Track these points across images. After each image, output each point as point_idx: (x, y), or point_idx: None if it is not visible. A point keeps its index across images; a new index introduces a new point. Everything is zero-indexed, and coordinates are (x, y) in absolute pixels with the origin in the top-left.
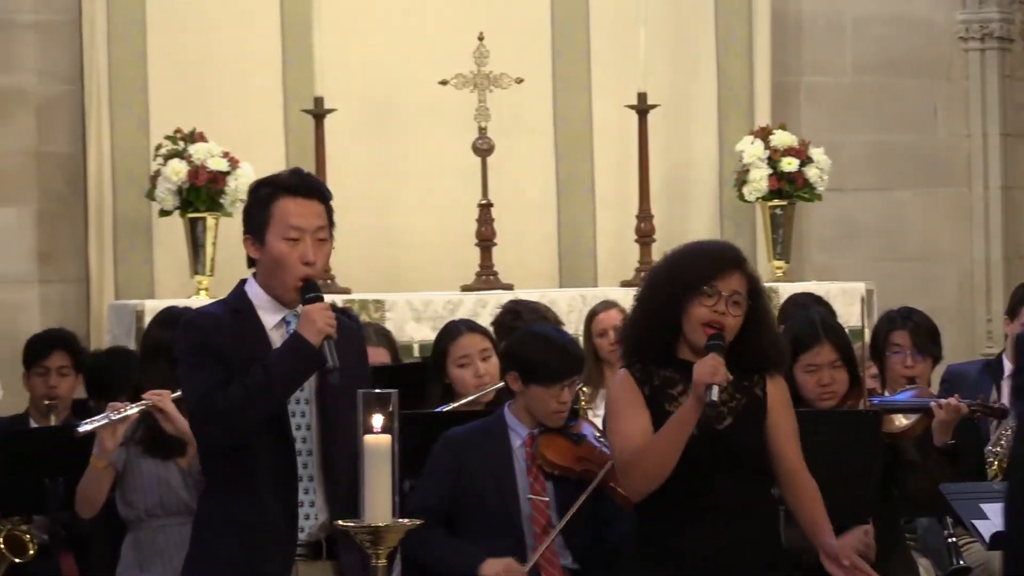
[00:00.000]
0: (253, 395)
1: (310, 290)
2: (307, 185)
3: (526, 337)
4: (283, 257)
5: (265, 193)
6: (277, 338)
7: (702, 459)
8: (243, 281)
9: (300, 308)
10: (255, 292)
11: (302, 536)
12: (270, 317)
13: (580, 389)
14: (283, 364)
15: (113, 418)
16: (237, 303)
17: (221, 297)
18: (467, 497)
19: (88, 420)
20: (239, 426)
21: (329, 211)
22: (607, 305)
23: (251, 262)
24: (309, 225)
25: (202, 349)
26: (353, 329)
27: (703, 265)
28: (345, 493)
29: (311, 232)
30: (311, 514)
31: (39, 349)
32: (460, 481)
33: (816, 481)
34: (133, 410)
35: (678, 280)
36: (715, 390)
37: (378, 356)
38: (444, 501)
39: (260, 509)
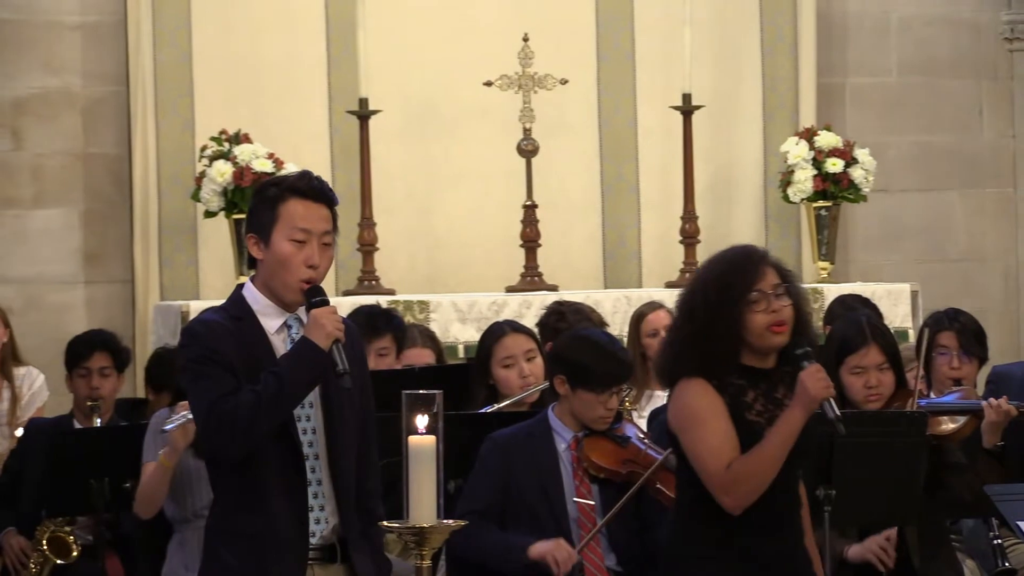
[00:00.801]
0: (265, 403)
1: (316, 294)
2: (316, 189)
3: (575, 341)
4: (288, 258)
5: (273, 193)
6: (279, 343)
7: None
8: (240, 286)
9: (301, 311)
10: (254, 297)
11: (314, 541)
12: (271, 322)
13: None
14: (294, 370)
15: (190, 416)
16: (237, 309)
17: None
18: (514, 500)
19: (171, 419)
20: (252, 435)
21: (335, 217)
22: (655, 306)
23: (252, 263)
24: (316, 228)
25: (207, 358)
26: (351, 331)
27: (740, 276)
28: (354, 495)
29: (317, 235)
30: (321, 518)
31: (80, 351)
32: (507, 483)
33: (862, 482)
34: None
35: (726, 298)
36: (832, 403)
37: (423, 357)
38: (494, 504)
39: (270, 518)
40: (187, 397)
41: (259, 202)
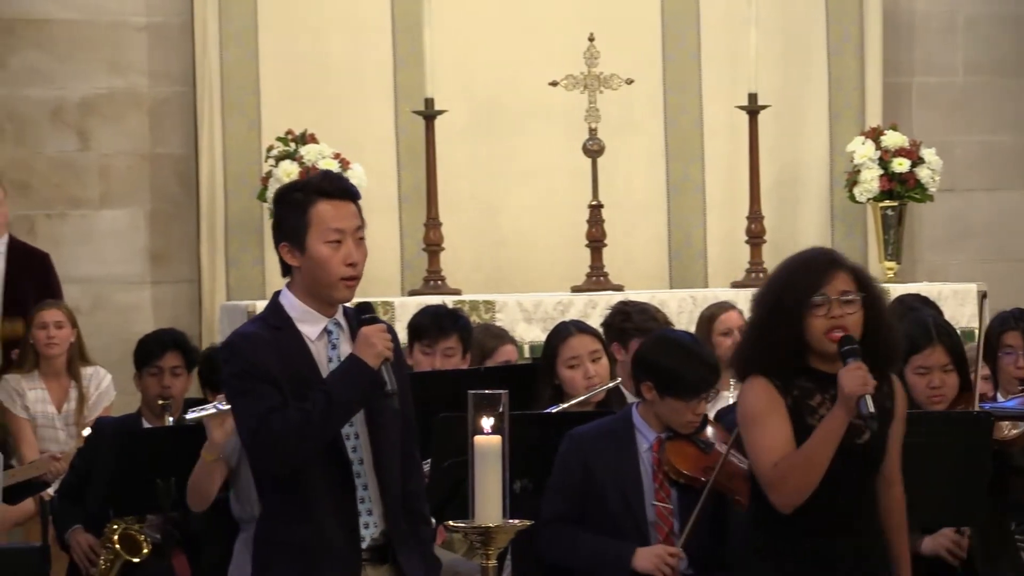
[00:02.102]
0: (314, 421)
1: (366, 311)
2: (340, 187)
3: (662, 345)
4: (326, 261)
5: (300, 199)
6: (320, 350)
7: (840, 471)
8: (277, 294)
9: (339, 315)
10: (292, 304)
11: (364, 544)
12: (310, 328)
13: None
14: (343, 389)
15: (221, 408)
16: (275, 318)
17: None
18: (592, 498)
19: (194, 409)
20: (300, 453)
21: (360, 210)
22: (726, 306)
23: (285, 270)
24: (348, 226)
25: (249, 374)
26: (390, 328)
27: (806, 277)
28: (400, 497)
29: (351, 233)
30: (370, 522)
31: (152, 350)
32: (586, 480)
33: (925, 483)
34: None
35: (788, 297)
36: (868, 401)
37: (508, 354)
38: (578, 505)
39: (319, 527)
40: (233, 412)
41: (286, 209)
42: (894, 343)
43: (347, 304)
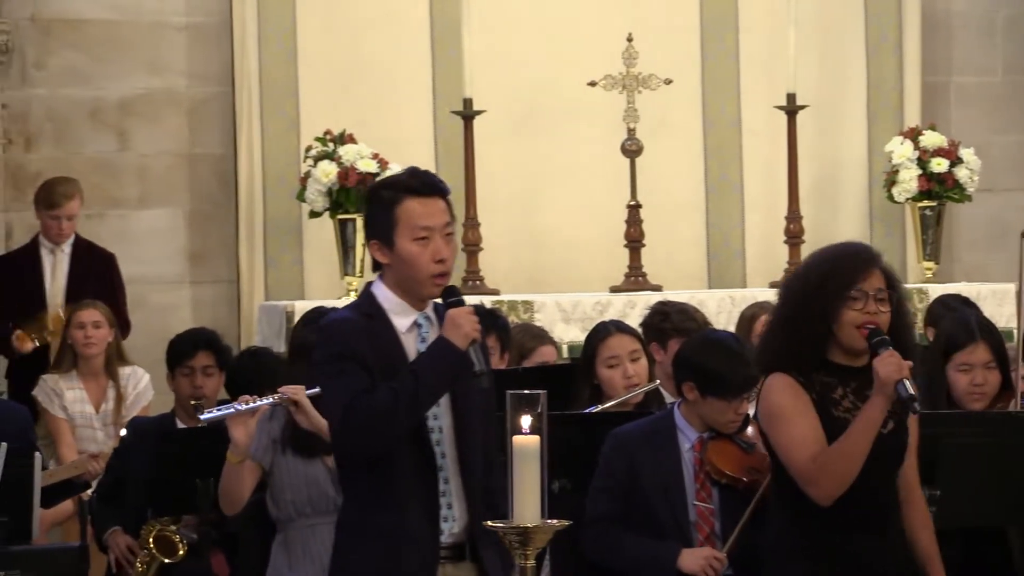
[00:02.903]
0: (402, 402)
1: (452, 294)
2: (428, 184)
3: (705, 346)
4: (415, 258)
5: (388, 196)
6: (410, 342)
7: (869, 465)
8: (370, 284)
9: (429, 309)
10: (384, 295)
11: (443, 539)
12: (401, 321)
13: None
14: (432, 369)
15: (240, 408)
16: (368, 307)
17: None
18: (635, 497)
19: (210, 409)
20: (388, 434)
21: (450, 206)
22: (767, 306)
23: (376, 266)
24: (436, 223)
25: (342, 356)
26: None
27: (845, 270)
28: (480, 494)
29: (439, 229)
30: (449, 516)
31: (184, 349)
32: (630, 480)
33: (967, 483)
34: (262, 402)
35: (824, 288)
36: (907, 384)
37: (548, 355)
38: (623, 502)
39: (402, 516)
40: (323, 394)
41: (375, 207)
42: (913, 343)
43: (437, 300)
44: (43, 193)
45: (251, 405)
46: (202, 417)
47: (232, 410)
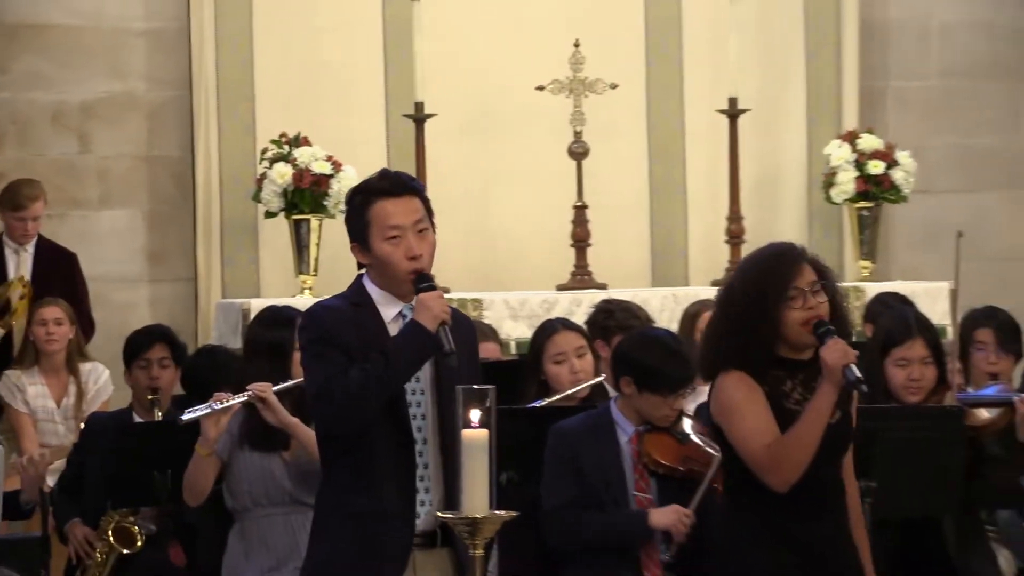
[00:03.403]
0: (372, 380)
1: (424, 280)
2: (397, 183)
3: (642, 342)
4: (389, 257)
5: (359, 200)
6: (395, 331)
7: (818, 450)
8: (360, 276)
9: (416, 299)
10: (372, 287)
11: (419, 524)
12: (388, 310)
13: None
14: (401, 349)
15: (216, 407)
16: (358, 296)
17: (323, 294)
18: (581, 487)
19: (191, 409)
20: (359, 411)
21: (426, 203)
22: (709, 304)
23: (361, 265)
24: (407, 221)
25: (324, 340)
26: (464, 323)
27: (778, 273)
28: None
29: (410, 227)
30: (426, 501)
31: (140, 343)
32: (575, 470)
33: (901, 474)
34: (235, 401)
35: (763, 294)
36: (854, 368)
37: (494, 352)
38: (574, 490)
39: (378, 498)
40: (304, 375)
41: (350, 212)
42: (849, 325)
43: None
44: (8, 195)
45: (225, 404)
46: (184, 417)
47: (209, 409)
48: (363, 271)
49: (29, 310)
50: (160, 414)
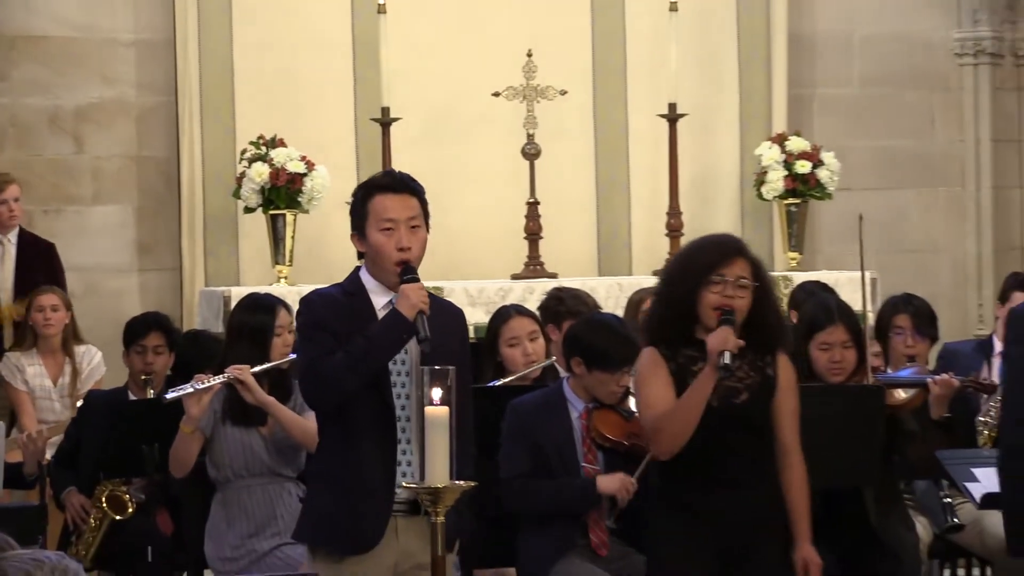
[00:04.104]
0: (353, 361)
1: (408, 272)
2: (398, 182)
3: (592, 326)
4: (381, 246)
5: (361, 194)
6: None
7: (721, 430)
8: (358, 268)
9: (399, 289)
10: (367, 278)
11: (400, 493)
12: (379, 299)
13: None
14: (380, 334)
15: (198, 387)
16: (352, 286)
17: (298, 283)
18: (535, 459)
19: (173, 389)
20: (341, 388)
21: (423, 204)
22: (651, 292)
23: (360, 254)
24: (401, 216)
25: (316, 325)
26: (453, 312)
27: (709, 257)
28: None
29: (403, 221)
30: (408, 472)
31: (137, 330)
32: (532, 444)
33: (826, 449)
34: (215, 381)
35: (689, 272)
36: (727, 355)
37: None
38: (529, 461)
39: (360, 468)
40: (297, 355)
41: (354, 203)
42: (783, 327)
43: None
44: None
45: (207, 384)
46: (167, 396)
47: (191, 389)
48: (360, 264)
49: (28, 300)
50: (153, 393)
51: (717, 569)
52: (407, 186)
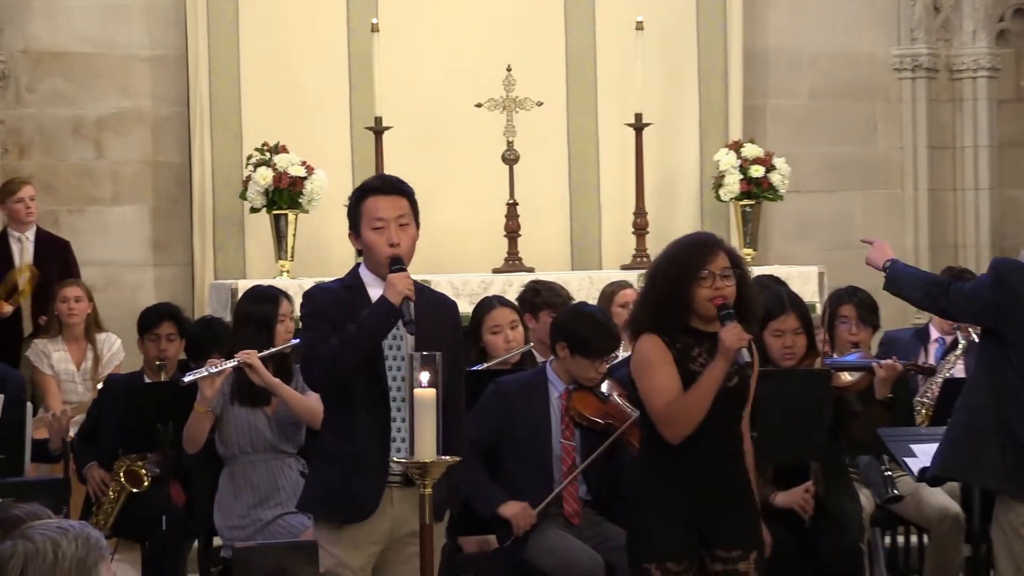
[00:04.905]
0: (346, 345)
1: (395, 263)
2: (388, 184)
3: (577, 316)
4: (373, 243)
5: (356, 197)
6: None
7: (718, 409)
8: (357, 265)
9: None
10: (364, 272)
11: (395, 466)
12: (375, 292)
13: None
14: (369, 320)
15: (211, 371)
16: (351, 280)
17: (299, 276)
18: (511, 434)
19: (190, 372)
20: (336, 369)
21: (413, 203)
22: (624, 284)
23: (359, 252)
24: (391, 215)
25: (316, 314)
26: (446, 303)
27: (695, 255)
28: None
29: (393, 220)
30: (403, 448)
31: (151, 319)
32: (506, 421)
33: (778, 426)
34: (227, 365)
35: (679, 271)
36: (744, 352)
37: None
38: (489, 436)
39: (357, 444)
40: (301, 341)
41: (351, 205)
42: (756, 308)
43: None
44: (2, 189)
45: (219, 368)
46: (185, 379)
47: (206, 372)
48: (360, 261)
49: (49, 290)
50: (166, 376)
51: (699, 538)
52: (396, 188)
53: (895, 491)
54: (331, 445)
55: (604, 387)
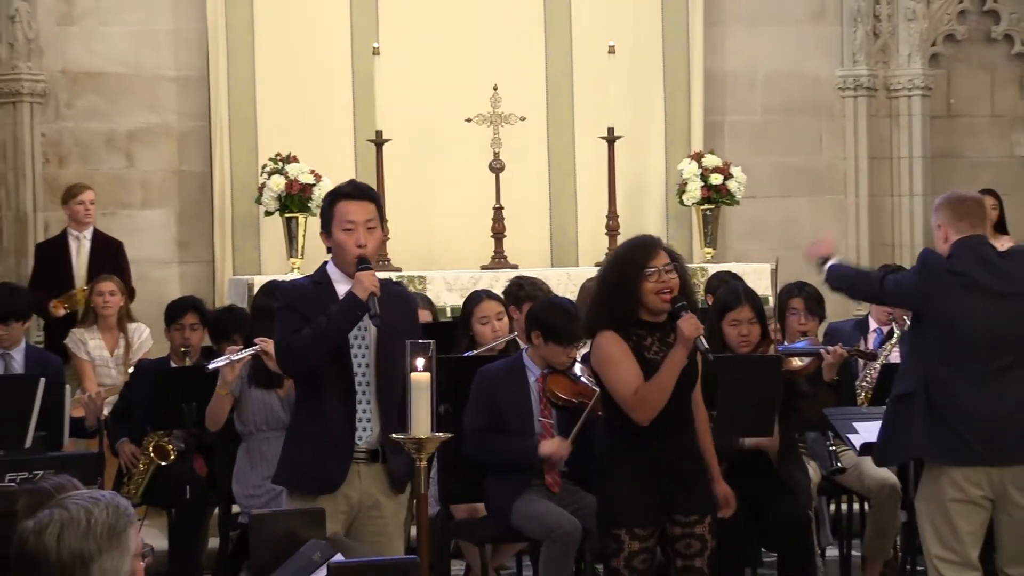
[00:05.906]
0: (316, 336)
1: (362, 263)
2: (358, 190)
3: (550, 307)
4: (342, 243)
5: (328, 200)
6: None
7: (675, 389)
8: (325, 263)
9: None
10: (332, 269)
11: (360, 444)
12: (341, 287)
13: None
14: (337, 313)
15: (233, 359)
16: (319, 277)
17: (309, 273)
18: (497, 415)
19: (214, 360)
20: (307, 358)
21: (380, 208)
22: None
23: (328, 250)
24: (360, 218)
25: (288, 308)
26: (406, 298)
27: (638, 255)
28: (396, 415)
29: (362, 223)
30: (368, 427)
31: (176, 311)
32: (493, 403)
33: (735, 407)
34: (246, 353)
35: (625, 271)
36: (702, 339)
37: (425, 316)
38: (485, 419)
39: (326, 425)
40: (274, 332)
41: (323, 208)
42: (694, 294)
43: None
44: (66, 192)
45: (240, 355)
46: (210, 366)
47: (227, 360)
48: (328, 259)
49: (89, 287)
50: (190, 362)
51: (660, 506)
52: (366, 194)
53: (839, 464)
54: (303, 425)
55: (576, 368)
